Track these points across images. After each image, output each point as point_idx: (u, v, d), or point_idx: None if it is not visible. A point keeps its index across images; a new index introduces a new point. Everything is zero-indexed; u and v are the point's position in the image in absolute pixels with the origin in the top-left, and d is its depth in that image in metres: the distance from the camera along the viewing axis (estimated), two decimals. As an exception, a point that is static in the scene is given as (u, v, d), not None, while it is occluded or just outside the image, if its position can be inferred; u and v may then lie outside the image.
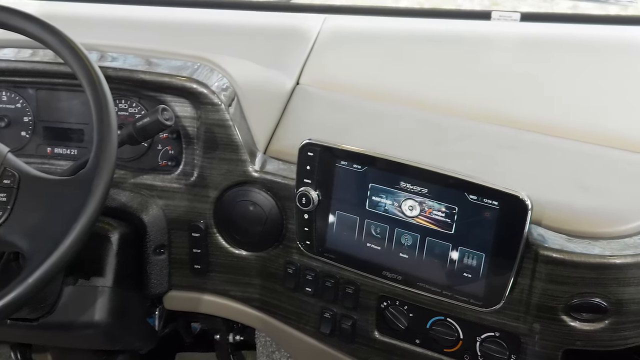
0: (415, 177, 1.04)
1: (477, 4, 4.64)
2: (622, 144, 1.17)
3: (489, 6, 4.50)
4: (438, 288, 1.06)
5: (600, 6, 2.99)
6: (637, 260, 0.98)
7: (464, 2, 4.71)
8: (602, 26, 1.54)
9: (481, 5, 4.63)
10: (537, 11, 1.54)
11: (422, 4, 4.79)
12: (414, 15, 1.58)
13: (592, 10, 3.13)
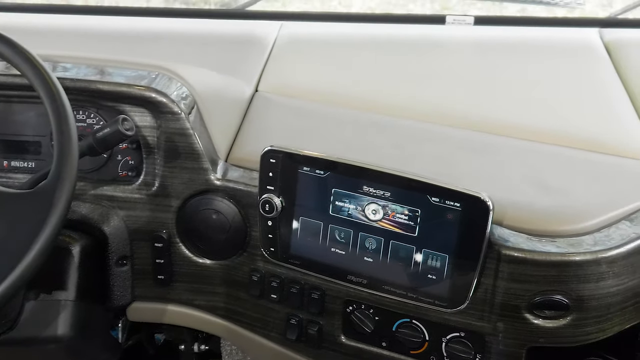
0: (377, 181, 1.05)
1: (427, 9, 4.70)
2: (576, 143, 1.20)
3: (440, 10, 4.56)
4: (403, 290, 1.07)
5: (548, 9, 3.05)
6: (596, 257, 1.00)
7: (415, 7, 4.77)
8: (552, 28, 1.57)
9: (432, 9, 4.68)
10: (490, 15, 1.57)
11: (373, 9, 4.85)
12: (370, 21, 1.59)
13: (540, 13, 3.20)
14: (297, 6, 4.65)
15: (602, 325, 1.04)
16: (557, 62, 1.44)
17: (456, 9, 4.52)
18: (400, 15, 1.56)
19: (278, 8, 2.51)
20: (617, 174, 1.13)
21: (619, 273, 1.01)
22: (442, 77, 1.40)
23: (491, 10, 4.39)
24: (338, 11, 3.28)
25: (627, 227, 1.03)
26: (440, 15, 1.53)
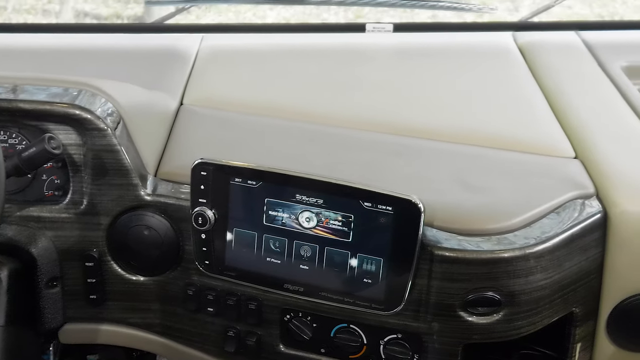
0: (310, 188, 1.06)
1: (342, 17, 4.76)
2: (498, 143, 1.24)
3: (354, 19, 4.63)
4: (340, 296, 1.08)
5: (458, 14, 3.13)
6: (524, 253, 1.03)
7: (329, 16, 4.82)
8: (468, 33, 1.62)
9: (346, 18, 4.75)
10: (408, 22, 1.60)
11: (288, 19, 4.88)
12: (292, 31, 1.61)
13: (451, 19, 3.29)
14: (211, 18, 4.65)
15: (532, 319, 1.07)
16: (475, 65, 1.49)
17: (369, 17, 4.61)
18: (321, 24, 1.58)
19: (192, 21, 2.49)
20: (539, 171, 1.17)
21: (546, 267, 1.05)
22: (366, 84, 1.42)
23: (403, 17, 4.49)
24: (261, 22, 3.30)
25: (551, 223, 1.07)
26: (360, 23, 1.56)
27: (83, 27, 1.66)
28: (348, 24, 1.61)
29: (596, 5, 4.70)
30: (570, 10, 4.38)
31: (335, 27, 1.60)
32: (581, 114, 1.30)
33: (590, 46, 1.53)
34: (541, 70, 1.46)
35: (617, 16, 4.50)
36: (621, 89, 1.37)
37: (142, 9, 5.05)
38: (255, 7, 4.83)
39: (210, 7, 4.59)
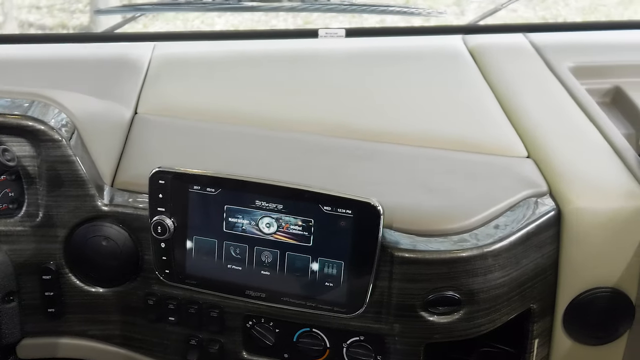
0: (269, 194, 1.07)
1: (290, 24, 4.77)
2: (454, 145, 1.26)
3: (303, 25, 4.64)
4: (302, 300, 1.09)
5: (406, 19, 3.16)
6: (482, 252, 1.05)
7: (278, 22, 4.83)
8: (420, 37, 1.64)
9: (295, 24, 4.77)
10: (360, 27, 1.62)
11: (236, 27, 4.86)
12: (245, 37, 1.61)
13: (399, 23, 3.31)
14: (159, 27, 4.62)
15: (492, 317, 1.09)
16: (428, 68, 1.51)
17: (317, 22, 4.64)
18: (274, 30, 1.59)
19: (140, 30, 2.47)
20: (493, 172, 1.19)
21: (503, 265, 1.07)
22: (321, 89, 1.43)
23: (354, 23, 4.50)
24: (213, 30, 3.28)
25: (507, 221, 1.09)
26: (312, 29, 1.57)
27: (32, 37, 1.63)
28: (301, 30, 1.62)
29: (539, 8, 4.80)
30: (514, 13, 4.46)
31: (288, 33, 1.60)
32: (532, 114, 1.32)
33: (538, 48, 1.57)
34: (492, 72, 1.48)
35: (561, 18, 4.60)
36: (569, 88, 1.41)
37: (88, 18, 5.00)
38: (204, 15, 4.81)
39: (158, 16, 4.56)
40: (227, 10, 1.80)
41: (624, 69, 1.48)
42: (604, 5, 4.78)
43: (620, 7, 4.70)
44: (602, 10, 4.71)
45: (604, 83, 1.46)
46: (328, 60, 1.55)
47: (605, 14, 4.61)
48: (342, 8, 1.89)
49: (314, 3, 1.76)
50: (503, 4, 1.78)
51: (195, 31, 1.61)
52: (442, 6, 4.38)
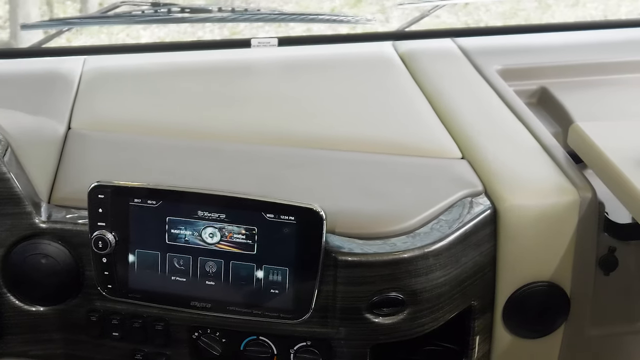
0: (211, 204, 1.07)
1: (217, 35, 4.77)
2: (390, 149, 1.28)
3: (229, 36, 4.63)
4: (248, 308, 1.09)
5: (332, 27, 3.20)
6: (423, 252, 1.08)
7: (204, 34, 4.82)
8: (351, 44, 1.66)
9: (221, 35, 4.76)
10: (293, 35, 1.64)
11: (162, 39, 4.83)
12: (177, 49, 1.60)
13: (326, 31, 3.34)
14: (83, 41, 4.55)
15: (435, 315, 1.12)
16: (360, 75, 1.53)
17: (244, 33, 4.64)
18: (207, 41, 1.60)
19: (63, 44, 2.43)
20: (430, 173, 1.22)
21: (444, 264, 1.09)
22: (257, 98, 1.44)
23: (280, 32, 4.53)
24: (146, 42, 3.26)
25: (446, 221, 1.12)
26: (245, 39, 1.58)
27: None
28: (233, 40, 1.63)
29: (462, 14, 4.91)
30: (438, 19, 4.56)
31: (221, 43, 1.60)
32: (464, 117, 1.36)
33: (466, 52, 1.61)
34: (423, 76, 1.52)
35: (483, 23, 4.72)
36: (498, 90, 1.45)
37: (7, 34, 4.89)
38: (128, 27, 4.77)
39: (82, 30, 4.50)
40: (156, 22, 1.79)
41: (548, 70, 1.54)
42: (523, 9, 4.92)
43: (539, 11, 4.86)
44: (521, 15, 4.85)
45: (530, 84, 1.52)
46: (261, 70, 1.56)
47: (524, 18, 4.75)
48: (272, 18, 1.90)
49: (244, 13, 1.76)
50: (430, 10, 1.82)
51: (126, 44, 1.59)
52: (368, 14, 4.44)
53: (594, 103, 1.45)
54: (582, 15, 4.77)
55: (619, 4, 4.85)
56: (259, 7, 2.79)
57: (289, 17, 1.89)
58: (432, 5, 1.81)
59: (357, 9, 5.02)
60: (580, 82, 1.52)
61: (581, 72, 1.54)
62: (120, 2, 1.76)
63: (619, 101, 1.46)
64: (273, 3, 5.21)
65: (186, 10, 1.72)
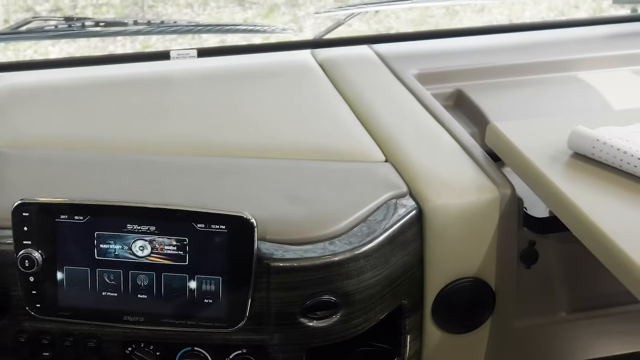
0: (140, 217, 1.06)
1: (128, 48, 4.70)
2: (315, 155, 1.29)
3: (141, 49, 4.58)
4: (182, 320, 1.09)
5: (245, 37, 3.19)
6: (353, 254, 1.10)
7: (116, 48, 4.75)
8: (270, 53, 1.67)
9: (133, 48, 4.70)
10: (212, 46, 1.64)
11: (72, 54, 4.73)
12: (95, 63, 1.58)
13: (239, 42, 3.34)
14: (-12, 57, 4.41)
15: (367, 316, 1.14)
16: (281, 83, 1.55)
17: (157, 46, 4.59)
18: (125, 54, 1.58)
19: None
20: (356, 177, 1.24)
21: (374, 265, 1.12)
22: (180, 110, 1.43)
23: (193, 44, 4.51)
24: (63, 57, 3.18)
25: (373, 223, 1.14)
26: (164, 51, 1.57)
27: None
28: (152, 52, 1.61)
29: (373, 22, 4.98)
30: (350, 27, 4.62)
31: (139, 56, 1.59)
32: (385, 121, 1.39)
33: (384, 58, 1.65)
34: (343, 83, 1.54)
35: (393, 30, 4.80)
36: (416, 94, 1.49)
37: None
38: (37, 43, 4.66)
39: (-12, 47, 4.37)
40: (71, 36, 1.77)
41: (463, 73, 1.59)
42: (431, 16, 5.03)
43: (447, 18, 4.97)
44: (430, 22, 4.95)
45: (446, 87, 1.56)
46: (183, 81, 1.56)
47: (434, 24, 4.85)
48: (189, 29, 1.90)
49: (161, 25, 1.76)
50: (345, 18, 1.86)
51: (42, 59, 1.56)
52: (280, 24, 4.46)
53: (508, 103, 1.51)
54: (488, 20, 4.91)
55: (523, 9, 5.01)
56: (173, 19, 2.77)
57: (206, 28, 1.89)
58: (348, 13, 1.85)
59: (270, 19, 5.03)
60: (493, 84, 1.58)
61: (494, 74, 1.60)
62: (32, 18, 1.73)
63: (530, 100, 1.52)
64: (185, 16, 5.18)
65: (101, 24, 1.70)
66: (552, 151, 1.19)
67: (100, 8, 5.22)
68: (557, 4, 5.09)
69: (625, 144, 1.14)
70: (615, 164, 1.13)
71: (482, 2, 4.67)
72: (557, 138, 1.21)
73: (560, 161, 1.18)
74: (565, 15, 4.94)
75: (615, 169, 1.14)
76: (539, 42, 1.75)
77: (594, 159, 1.16)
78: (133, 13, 5.24)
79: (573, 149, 1.19)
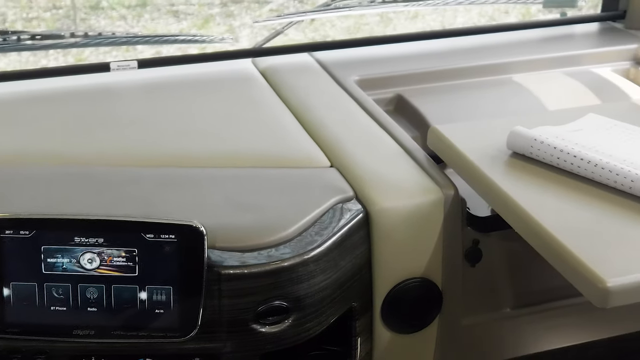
0: (87, 229, 1.05)
1: (62, 62, 4.63)
2: (261, 162, 1.30)
3: (75, 62, 4.51)
4: (133, 331, 1.08)
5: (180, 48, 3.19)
6: (303, 259, 1.11)
7: (49, 62, 4.67)
8: (211, 63, 1.67)
9: (65, 61, 4.63)
10: (152, 57, 1.63)
11: (3, 69, 4.64)
12: (31, 76, 1.56)
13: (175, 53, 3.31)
14: None
15: (319, 319, 1.15)
16: (224, 92, 1.55)
17: (91, 59, 4.54)
18: (64, 67, 1.55)
19: None
20: (302, 183, 1.25)
21: (324, 269, 1.13)
22: (125, 121, 1.42)
23: (128, 56, 4.46)
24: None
25: (322, 227, 1.16)
26: (104, 63, 1.56)
27: None
28: (92, 64, 1.59)
29: (308, 31, 5.02)
30: (286, 37, 4.64)
31: (78, 68, 1.57)
32: (329, 127, 1.40)
33: (324, 65, 1.67)
34: (285, 90, 1.55)
35: (330, 38, 4.84)
36: (358, 100, 1.51)
37: None
38: (-38, 58, 4.55)
39: None
40: (6, 50, 1.74)
41: (402, 78, 1.62)
42: (366, 24, 5.09)
43: (382, 25, 5.04)
44: (365, 29, 5.01)
45: (387, 92, 1.59)
46: (125, 93, 1.55)
47: (369, 31, 4.91)
48: (127, 41, 1.89)
49: (98, 37, 1.74)
50: (284, 27, 1.87)
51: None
52: (216, 34, 4.46)
53: (447, 106, 1.54)
54: (422, 26, 4.99)
55: (455, 16, 5.11)
56: (110, 31, 2.74)
57: (144, 39, 1.88)
58: (286, 22, 1.87)
59: (206, 30, 5.02)
60: (432, 88, 1.62)
61: (432, 79, 1.64)
62: (-36, 33, 1.70)
63: (468, 103, 1.56)
64: (119, 28, 5.12)
65: (37, 37, 1.68)
66: (492, 151, 1.23)
67: (30, 22, 5.14)
68: (487, 10, 5.21)
69: (561, 142, 1.18)
70: (552, 162, 1.17)
71: (415, 9, 4.74)
72: (496, 139, 1.25)
73: (500, 161, 1.21)
74: (496, 20, 5.06)
75: (553, 166, 1.18)
76: (474, 47, 1.80)
77: (532, 157, 1.20)
78: (65, 26, 5.17)
79: (512, 149, 1.22)
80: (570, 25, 1.95)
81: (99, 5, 5.34)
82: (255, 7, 5.32)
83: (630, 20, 1.89)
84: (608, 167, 1.12)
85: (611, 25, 1.93)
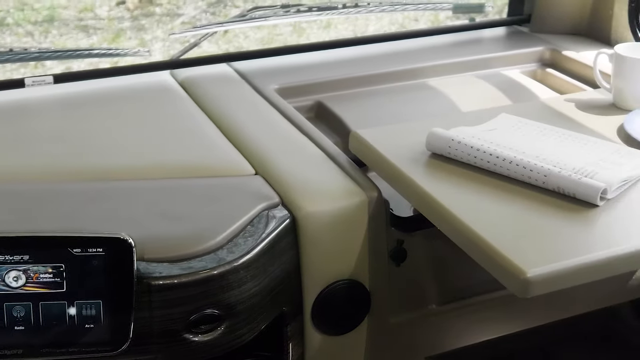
0: (11, 247, 1.04)
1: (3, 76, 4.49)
2: (186, 173, 1.30)
3: None
4: (63, 348, 1.06)
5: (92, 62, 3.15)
6: (232, 266, 1.12)
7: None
8: (129, 76, 1.66)
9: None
10: (67, 72, 1.61)
11: None
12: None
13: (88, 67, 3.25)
14: None
15: (250, 325, 1.16)
16: (144, 105, 1.54)
17: (35, 72, 4.42)
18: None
19: None
20: (228, 191, 1.26)
21: (254, 275, 1.14)
22: (44, 137, 1.40)
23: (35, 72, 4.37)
24: None
25: (250, 234, 1.17)
26: (18, 78, 1.53)
27: None
28: (5, 80, 1.56)
29: (222, 42, 5.00)
30: (200, 49, 4.62)
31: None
32: (252, 135, 1.42)
33: (243, 74, 1.68)
34: (205, 101, 1.56)
35: (243, 49, 4.84)
36: (279, 108, 1.53)
37: None
38: None
39: None
40: None
41: (321, 85, 1.65)
42: (280, 34, 5.12)
43: (295, 35, 5.07)
44: (279, 40, 5.03)
45: (307, 100, 1.62)
46: (42, 108, 1.52)
47: (282, 42, 4.93)
48: (38, 55, 1.86)
49: (9, 53, 1.71)
50: (201, 38, 1.87)
51: None
52: (128, 47, 4.40)
53: (366, 111, 1.58)
54: (335, 36, 5.04)
55: (367, 24, 5.19)
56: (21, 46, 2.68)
57: (56, 54, 1.85)
58: (203, 33, 1.87)
59: (117, 44, 4.95)
60: (350, 94, 1.65)
61: (350, 85, 1.67)
62: None
63: (386, 107, 1.60)
64: (26, 44, 5.00)
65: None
66: (412, 153, 1.26)
67: None
68: (398, 18, 5.31)
69: (477, 141, 1.23)
70: (470, 160, 1.22)
71: (327, 18, 4.80)
72: (415, 140, 1.29)
73: (420, 162, 1.25)
74: (407, 28, 5.16)
75: (470, 165, 1.22)
76: (388, 53, 1.84)
77: (450, 157, 1.24)
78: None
79: (431, 150, 1.26)
80: (479, 30, 2.02)
81: (3, 22, 5.20)
82: (166, 20, 5.27)
83: (535, 24, 1.97)
84: (522, 164, 1.17)
85: (517, 29, 2.01)
